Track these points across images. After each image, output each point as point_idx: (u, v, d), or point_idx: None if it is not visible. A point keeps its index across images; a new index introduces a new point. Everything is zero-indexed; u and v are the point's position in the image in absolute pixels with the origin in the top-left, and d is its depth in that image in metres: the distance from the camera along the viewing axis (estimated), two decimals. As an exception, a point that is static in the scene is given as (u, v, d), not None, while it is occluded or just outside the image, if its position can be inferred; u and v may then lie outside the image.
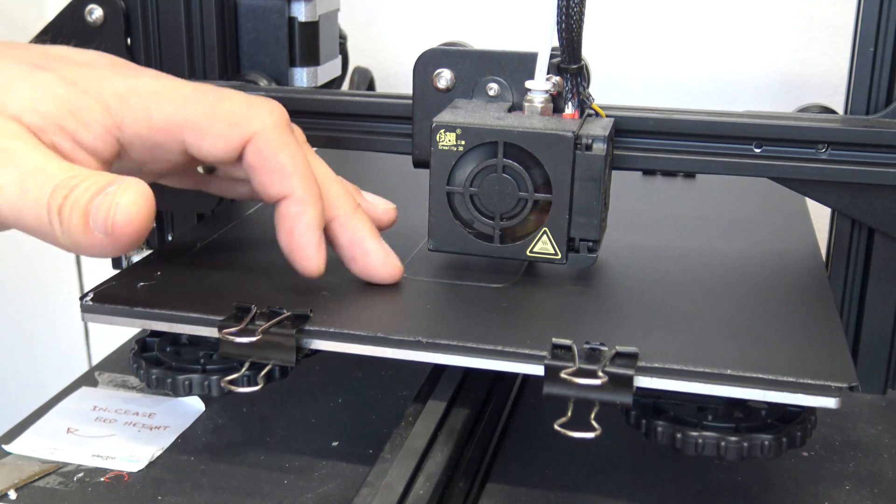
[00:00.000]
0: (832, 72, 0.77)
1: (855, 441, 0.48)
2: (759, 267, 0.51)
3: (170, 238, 0.60)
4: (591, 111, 0.49)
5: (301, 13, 0.59)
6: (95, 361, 0.57)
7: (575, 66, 0.47)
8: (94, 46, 0.57)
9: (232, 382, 0.42)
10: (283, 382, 0.44)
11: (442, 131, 0.46)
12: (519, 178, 0.46)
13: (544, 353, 0.39)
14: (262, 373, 0.42)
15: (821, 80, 0.77)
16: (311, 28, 0.60)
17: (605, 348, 0.39)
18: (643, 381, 0.39)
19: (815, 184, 0.50)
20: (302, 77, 0.60)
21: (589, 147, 0.45)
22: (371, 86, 0.75)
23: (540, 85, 0.48)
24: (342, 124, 0.55)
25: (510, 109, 0.49)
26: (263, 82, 0.59)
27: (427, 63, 0.51)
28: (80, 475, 0.45)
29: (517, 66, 0.50)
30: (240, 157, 0.45)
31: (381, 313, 0.45)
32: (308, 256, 0.44)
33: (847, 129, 0.48)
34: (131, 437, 0.48)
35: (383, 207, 0.50)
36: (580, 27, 0.46)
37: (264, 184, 0.44)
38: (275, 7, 0.59)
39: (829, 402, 0.38)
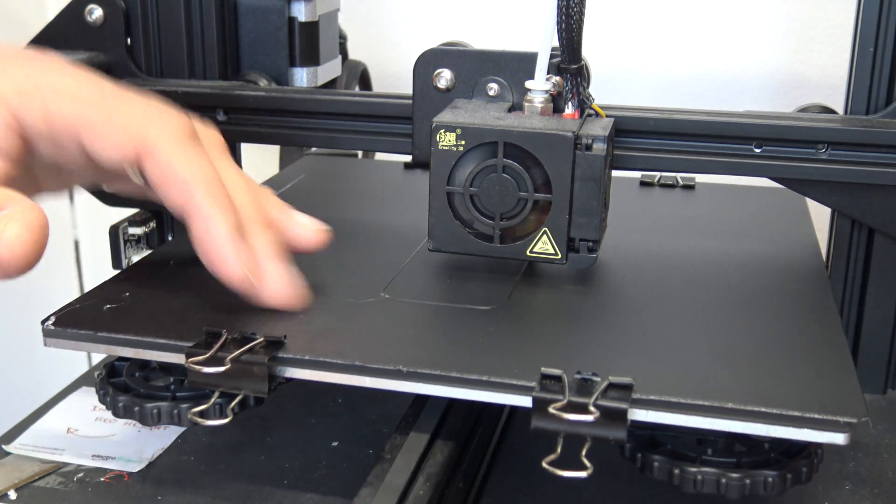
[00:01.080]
0: (832, 72, 0.77)
1: (855, 441, 0.48)
2: (761, 283, 0.49)
3: (170, 238, 0.60)
4: (591, 111, 0.49)
5: (301, 13, 0.59)
6: (95, 361, 0.57)
7: (575, 66, 0.47)
8: (94, 46, 0.57)
9: (201, 414, 0.40)
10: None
11: (442, 131, 0.46)
12: (519, 178, 0.46)
13: (532, 384, 0.37)
14: (233, 404, 0.40)
15: (821, 80, 0.77)
16: (311, 28, 0.60)
17: (598, 378, 0.37)
18: (638, 415, 0.37)
19: (815, 184, 0.50)
20: (302, 77, 0.60)
21: (589, 147, 0.45)
22: (364, 77, 0.74)
23: (540, 85, 0.48)
24: (342, 124, 0.55)
25: (510, 109, 0.49)
26: (263, 82, 0.59)
27: (427, 63, 0.51)
28: (80, 475, 0.45)
29: (517, 66, 0.50)
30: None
31: (359, 339, 0.42)
32: (231, 268, 0.41)
33: (847, 129, 0.48)
34: (131, 437, 0.48)
35: (313, 228, 0.46)
36: (580, 27, 0.46)
37: (167, 198, 0.42)
38: (275, 7, 0.59)
39: (838, 438, 0.35)
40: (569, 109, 0.48)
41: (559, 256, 0.47)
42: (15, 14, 0.90)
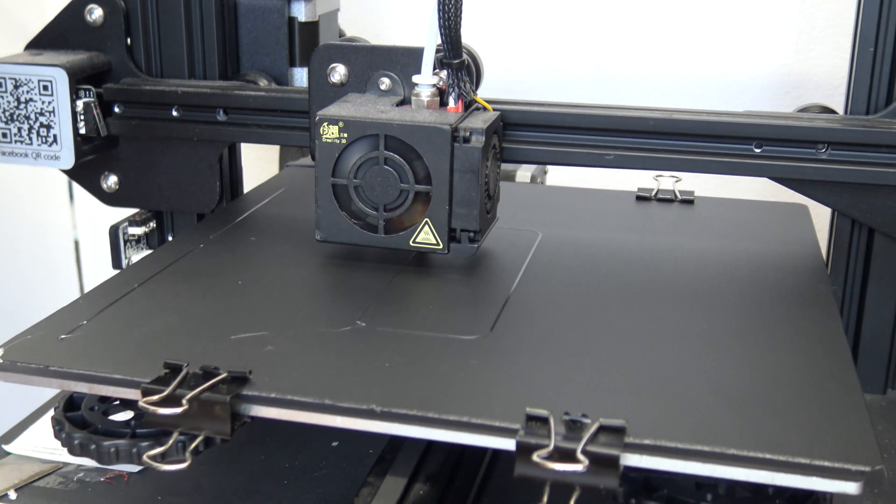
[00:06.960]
0: (832, 72, 0.77)
1: (855, 441, 0.48)
2: (766, 311, 0.45)
3: (170, 238, 0.60)
4: (479, 105, 0.49)
5: (301, 13, 0.60)
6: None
7: (457, 62, 0.48)
8: (95, 46, 0.57)
9: (159, 456, 0.37)
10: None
11: (325, 124, 0.47)
12: (401, 169, 0.47)
13: (516, 426, 0.34)
14: (192, 445, 0.36)
15: (821, 80, 0.77)
16: (311, 28, 0.60)
17: (588, 420, 0.34)
18: (631, 460, 0.33)
19: (815, 184, 0.50)
20: (302, 77, 0.60)
21: (467, 139, 0.46)
22: None
23: (426, 79, 0.49)
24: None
25: (401, 103, 0.50)
26: (263, 82, 0.59)
27: (322, 58, 0.52)
28: (80, 475, 0.45)
29: (408, 62, 0.50)
30: None
31: (332, 373, 0.39)
32: None
33: (847, 129, 0.48)
34: (131, 437, 0.48)
35: None
36: (458, 23, 0.47)
37: None
38: (275, 7, 0.59)
39: (850, 488, 0.32)
40: (451, 103, 0.49)
41: (441, 246, 0.47)
42: (15, 14, 0.90)
